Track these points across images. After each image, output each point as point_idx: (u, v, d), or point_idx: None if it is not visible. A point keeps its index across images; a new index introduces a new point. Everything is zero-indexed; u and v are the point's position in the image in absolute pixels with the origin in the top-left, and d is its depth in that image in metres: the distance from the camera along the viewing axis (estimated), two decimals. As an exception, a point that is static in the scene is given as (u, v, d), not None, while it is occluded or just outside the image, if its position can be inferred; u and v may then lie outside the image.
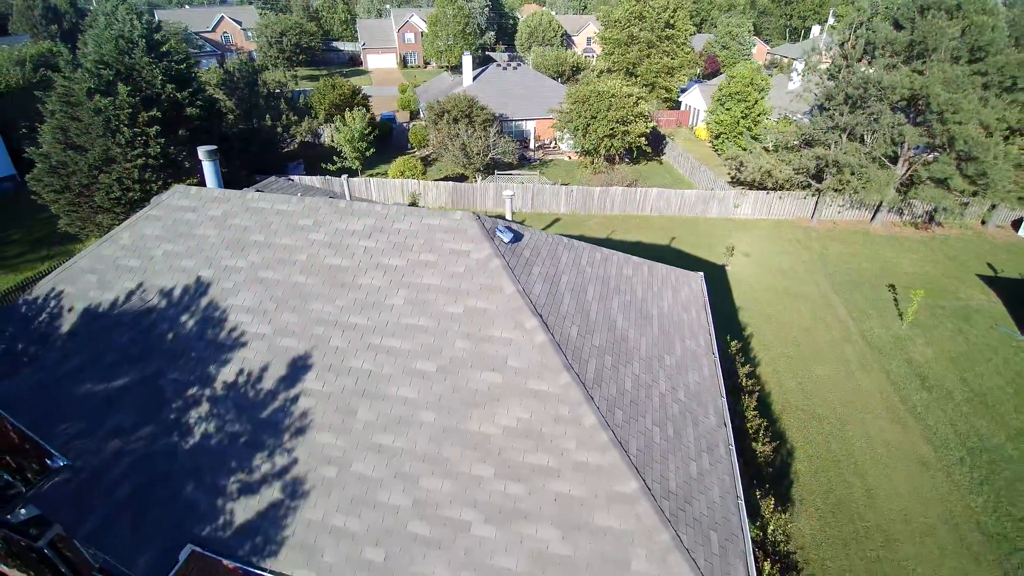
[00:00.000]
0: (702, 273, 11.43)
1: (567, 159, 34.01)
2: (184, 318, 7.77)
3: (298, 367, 7.13)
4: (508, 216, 15.23)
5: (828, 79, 25.13)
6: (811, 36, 46.31)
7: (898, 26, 24.15)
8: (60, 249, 23.58)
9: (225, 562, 6.05)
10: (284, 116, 27.62)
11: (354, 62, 68.39)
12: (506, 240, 7.92)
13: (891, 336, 19.04)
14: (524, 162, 33.14)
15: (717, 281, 21.89)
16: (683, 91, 42.36)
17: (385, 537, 5.99)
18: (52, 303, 8.43)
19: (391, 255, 7.79)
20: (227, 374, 7.24)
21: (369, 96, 37.69)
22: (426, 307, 7.28)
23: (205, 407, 7.07)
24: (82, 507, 6.12)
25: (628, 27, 37.91)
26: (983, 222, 28.07)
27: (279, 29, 52.19)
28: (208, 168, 10.44)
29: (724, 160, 29.20)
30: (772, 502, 8.54)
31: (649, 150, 31.48)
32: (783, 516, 8.43)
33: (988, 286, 22.68)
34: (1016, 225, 28.16)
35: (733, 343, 12.35)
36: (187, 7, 76.13)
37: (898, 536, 12.33)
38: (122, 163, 20.64)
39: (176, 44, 27.75)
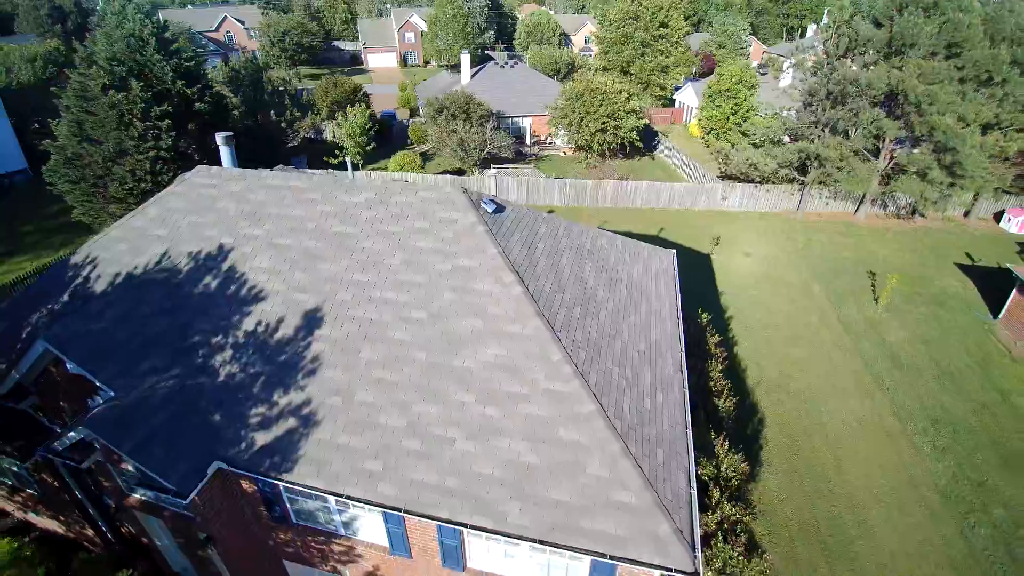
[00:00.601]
0: (674, 251, 12.63)
1: (562, 155, 35.26)
2: (209, 278, 9.01)
3: (309, 317, 8.36)
4: (493, 192, 16.49)
5: (811, 76, 26.35)
6: (807, 35, 47.55)
7: (878, 24, 25.38)
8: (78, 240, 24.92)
9: (244, 480, 7.28)
10: (288, 112, 28.94)
11: (355, 61, 69.82)
12: (490, 211, 9.15)
13: (866, 319, 20.21)
14: (520, 157, 34.40)
15: (702, 268, 23.11)
16: (677, 89, 43.61)
17: (383, 451, 7.20)
18: (89, 267, 9.68)
19: (389, 223, 9.03)
20: (248, 324, 8.48)
21: (370, 94, 39.02)
22: (419, 266, 8.52)
23: (229, 352, 8.30)
24: (125, 429, 7.31)
25: (623, 26, 39.20)
26: (966, 214, 29.23)
27: (282, 28, 53.63)
28: (225, 152, 11.71)
29: (710, 153, 30.41)
30: (727, 445, 9.67)
31: (641, 146, 32.70)
32: (735, 456, 9.56)
33: (964, 274, 23.85)
34: (997, 217, 29.31)
35: (704, 315, 13.51)
36: (190, 7, 77.70)
37: (859, 495, 13.50)
38: (135, 155, 21.94)
39: (183, 43, 29.11)
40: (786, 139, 28.29)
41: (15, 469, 10.61)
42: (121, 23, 22.94)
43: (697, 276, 22.28)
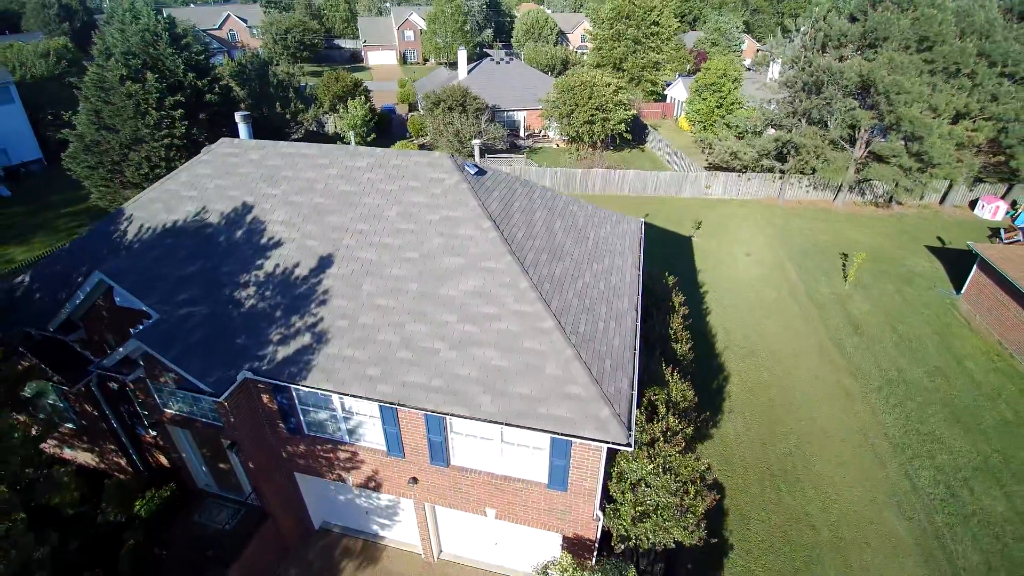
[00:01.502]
0: (642, 219, 14.34)
1: (555, 147, 37.08)
2: (234, 229, 10.77)
3: (320, 259, 10.10)
4: (476, 159, 18.35)
5: (789, 68, 28.14)
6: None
7: (853, 19, 27.16)
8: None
9: (264, 389, 8.99)
10: (292, 104, 30.80)
11: (355, 59, 71.86)
12: (472, 173, 10.90)
13: (834, 294, 21.91)
14: (515, 149, 36.22)
15: (683, 249, 24.85)
16: (668, 85, 45.44)
17: (381, 361, 8.92)
18: (128, 223, 11.44)
19: (387, 183, 10.79)
20: (268, 266, 10.22)
21: (370, 89, 40.92)
22: (412, 216, 10.26)
23: (252, 288, 10.05)
24: (169, 343, 9.03)
25: (615, 24, 41.08)
26: (941, 202, 30.92)
27: (284, 26, 55.63)
28: (243, 128, 13.49)
29: (693, 142, 32.17)
30: (677, 376, 11.34)
31: (630, 137, 34.49)
32: (684, 385, 11.22)
33: (934, 255, 25.53)
34: (972, 205, 31.00)
35: (670, 278, 15.21)
36: (192, 5, 79.90)
37: (811, 440, 15.18)
38: (150, 143, 23.78)
39: (191, 39, 31.00)
40: (770, 131, 30.04)
41: (60, 404, 12.34)
42: (135, 18, 24.82)
43: (678, 256, 24.03)
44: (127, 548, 10.51)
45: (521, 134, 38.52)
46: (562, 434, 7.96)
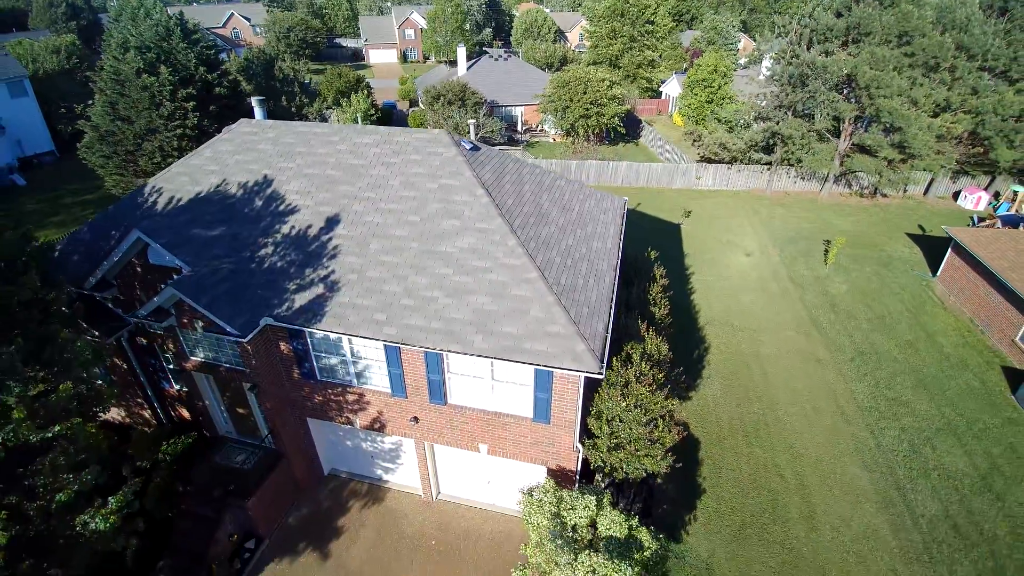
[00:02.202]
0: (627, 198, 15.68)
1: (551, 141, 38.51)
2: (254, 197, 12.14)
3: (332, 222, 11.47)
4: (472, 137, 19.90)
5: (776, 63, 29.56)
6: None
7: (838, 15, 28.59)
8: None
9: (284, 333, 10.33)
10: (298, 98, 32.25)
11: (356, 57, 73.47)
12: (467, 148, 12.27)
13: (813, 276, 23.26)
14: (512, 143, 37.64)
15: (672, 236, 26.22)
16: (663, 82, 46.90)
17: (386, 308, 10.27)
18: (157, 194, 12.81)
19: (391, 156, 12.16)
20: (285, 228, 11.59)
21: (371, 87, 42.41)
22: (413, 185, 11.63)
23: (271, 247, 11.40)
24: (200, 291, 10.36)
25: (611, 22, 42.58)
26: (925, 193, 32.28)
27: (287, 25, 57.23)
28: (259, 111, 14.88)
29: (683, 134, 33.57)
30: (653, 332, 12.62)
31: (624, 131, 35.89)
32: (659, 338, 12.51)
33: (914, 242, 26.86)
34: (956, 197, 32.34)
35: (652, 252, 16.54)
36: (196, 4, 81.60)
37: (783, 403, 16.50)
38: (164, 133, 25.20)
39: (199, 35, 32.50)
40: (759, 124, 31.42)
41: (90, 356, 13.66)
42: (148, 14, 26.29)
43: (666, 242, 25.39)
44: (153, 486, 11.83)
45: (519, 128, 39.96)
46: (544, 365, 9.29)
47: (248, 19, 69.86)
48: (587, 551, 8.81)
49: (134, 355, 12.91)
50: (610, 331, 10.24)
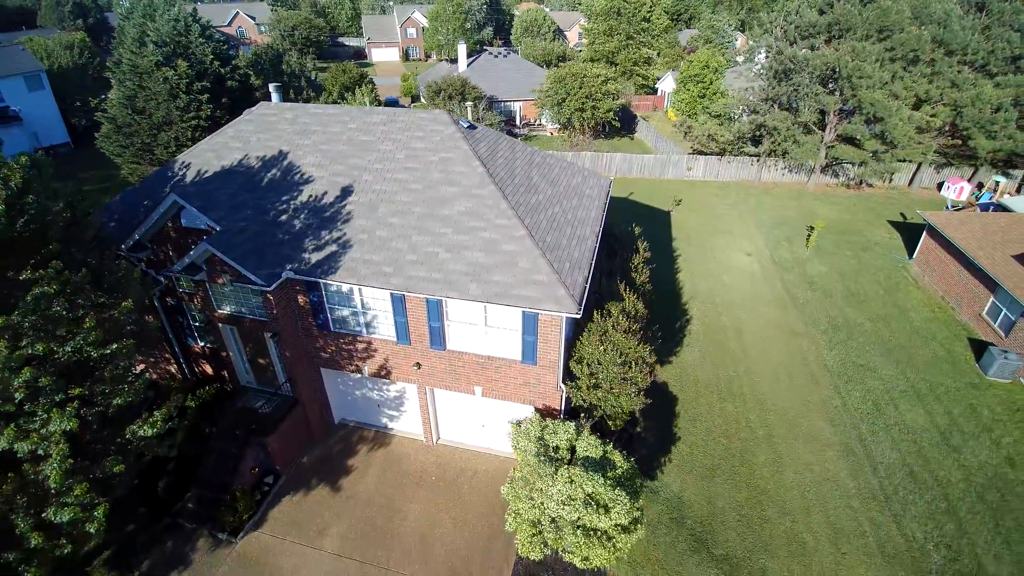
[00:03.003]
0: (612, 178, 17.28)
1: (549, 134, 40.19)
2: (274, 170, 13.77)
3: (344, 191, 13.09)
4: (469, 118, 21.57)
5: (763, 57, 31.19)
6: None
7: (821, 12, 30.24)
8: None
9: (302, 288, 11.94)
10: (304, 92, 33.99)
11: (359, 56, 75.40)
12: (465, 127, 13.90)
13: (794, 258, 24.82)
14: (511, 136, 39.32)
15: (662, 222, 27.82)
16: (659, 79, 48.60)
17: (393, 262, 11.87)
18: (186, 168, 14.45)
19: (397, 133, 13.80)
20: (303, 196, 13.22)
21: (375, 82, 44.18)
22: (417, 158, 13.26)
23: (291, 213, 13.03)
24: (229, 249, 11.96)
25: (608, 19, 44.32)
26: (910, 183, 33.81)
27: (291, 23, 59.16)
28: (276, 96, 16.55)
29: (674, 127, 35.18)
30: (632, 293, 14.17)
31: (619, 125, 37.54)
32: (636, 298, 14.04)
33: (894, 229, 28.40)
34: (939, 187, 33.86)
35: (637, 228, 18.12)
36: (201, 3, 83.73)
37: (757, 368, 18.05)
38: (179, 124, 26.93)
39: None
40: (747, 116, 33.03)
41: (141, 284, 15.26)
42: (166, 10, 28.06)
43: (656, 227, 26.98)
44: (183, 428, 13.43)
45: (517, 122, 41.65)
46: (530, 308, 10.87)
47: (253, 17, 71.93)
48: (566, 466, 10.38)
49: (164, 314, 14.52)
50: (589, 282, 11.82)
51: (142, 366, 15.71)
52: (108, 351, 8.94)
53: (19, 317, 7.51)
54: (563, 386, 12.22)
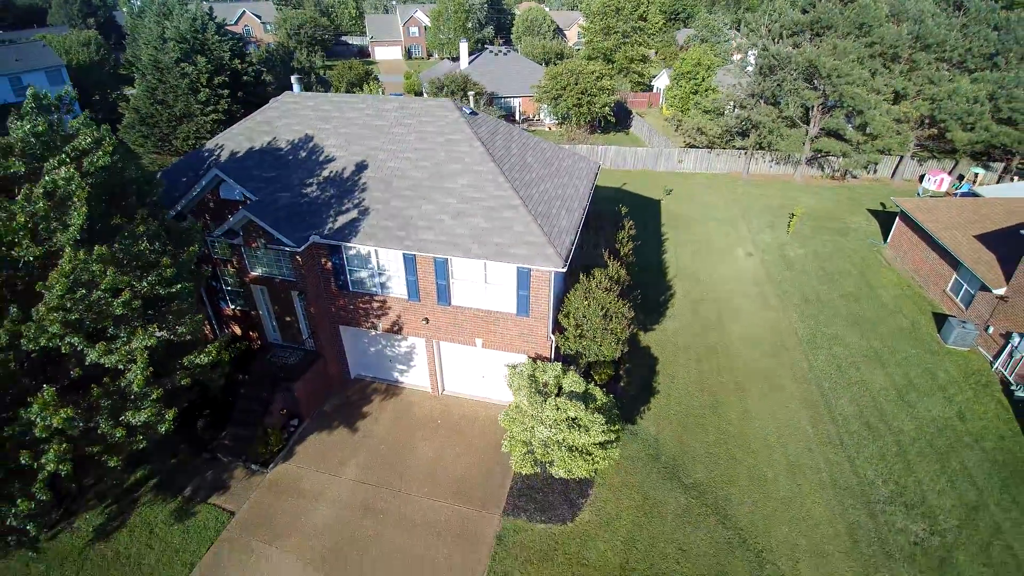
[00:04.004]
0: (600, 162, 19.36)
1: (547, 129, 42.33)
2: (299, 151, 15.89)
3: (362, 167, 15.21)
4: (471, 105, 23.79)
5: (751, 54, 33.32)
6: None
7: (804, 11, 32.37)
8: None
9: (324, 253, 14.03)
10: (314, 88, 36.19)
11: (362, 55, 77.75)
12: (468, 113, 16.02)
13: (775, 241, 26.88)
14: (511, 131, 41.48)
15: (652, 211, 29.90)
16: (655, 76, 50.76)
17: (405, 227, 13.97)
18: (220, 149, 16.56)
19: (408, 118, 15.93)
20: (325, 172, 15.33)
21: (379, 80, 46.40)
22: (426, 139, 15.38)
23: (315, 186, 15.14)
24: (264, 215, 14.05)
25: (605, 18, 46.52)
26: (892, 175, 35.86)
27: (297, 22, 61.53)
28: (297, 87, 18.70)
29: (665, 121, 37.28)
30: (615, 261, 16.23)
31: (614, 121, 39.66)
32: (620, 266, 16.11)
33: (873, 216, 30.43)
34: (921, 179, 35.90)
35: (623, 208, 20.20)
36: (206, 2, 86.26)
37: (732, 335, 20.09)
38: (199, 117, 29.14)
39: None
40: (736, 111, 35.13)
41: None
42: (182, 10, 30.31)
43: (647, 214, 29.07)
44: (219, 375, 15.50)
45: (517, 118, 43.80)
46: (523, 264, 12.94)
47: (259, 16, 74.39)
48: (554, 397, 12.44)
49: (200, 279, 16.59)
50: (575, 246, 13.89)
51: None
52: (174, 289, 11.04)
53: (120, 252, 9.62)
54: (552, 336, 14.28)
